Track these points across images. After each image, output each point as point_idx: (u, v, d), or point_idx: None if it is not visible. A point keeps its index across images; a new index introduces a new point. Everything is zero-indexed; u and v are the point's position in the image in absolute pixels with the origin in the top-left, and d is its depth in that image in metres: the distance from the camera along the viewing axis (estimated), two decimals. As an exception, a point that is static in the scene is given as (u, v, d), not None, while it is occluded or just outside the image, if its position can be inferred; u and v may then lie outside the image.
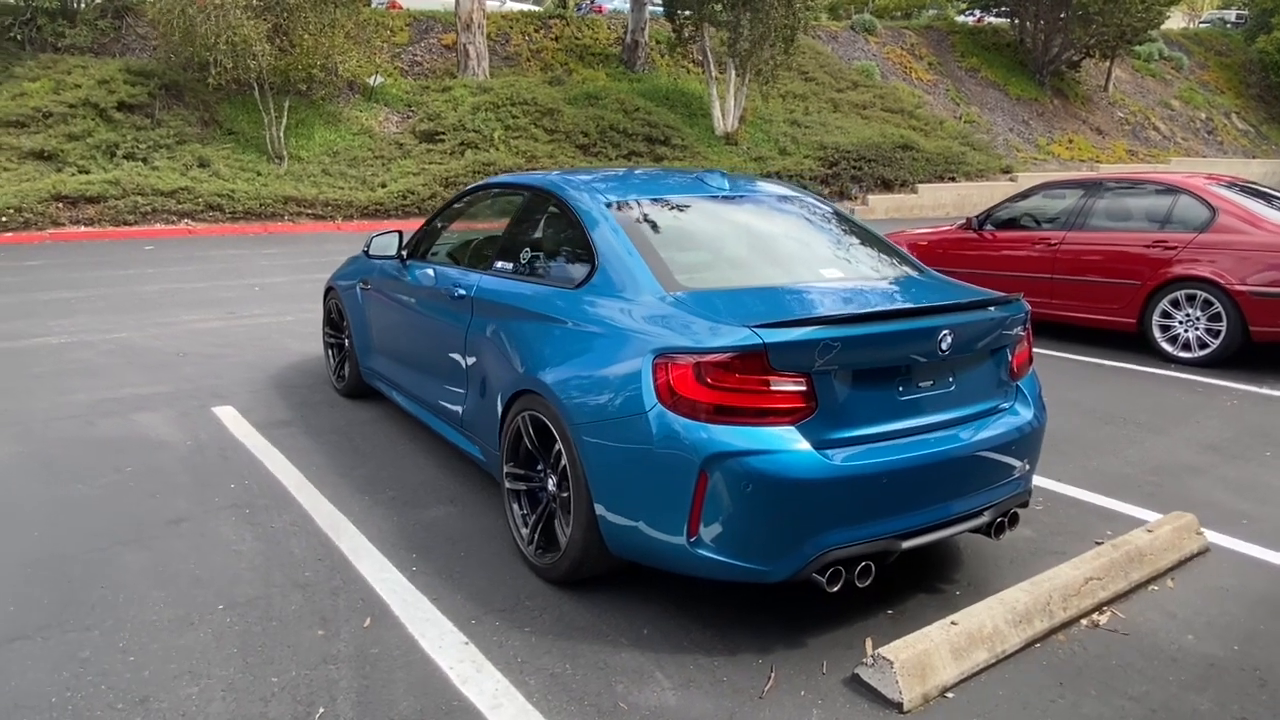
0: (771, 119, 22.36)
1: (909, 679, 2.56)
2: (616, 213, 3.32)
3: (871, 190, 21.58)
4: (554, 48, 22.60)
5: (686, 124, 20.45)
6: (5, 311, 7.78)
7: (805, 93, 24.84)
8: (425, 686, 2.60)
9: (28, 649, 2.74)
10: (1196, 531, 3.62)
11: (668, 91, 21.73)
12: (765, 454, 2.57)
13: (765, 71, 19.88)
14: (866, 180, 21.41)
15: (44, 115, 13.16)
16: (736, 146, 20.41)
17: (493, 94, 17.09)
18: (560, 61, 22.22)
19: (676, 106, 21.19)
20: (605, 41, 23.61)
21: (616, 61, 23.12)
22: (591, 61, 22.77)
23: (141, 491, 4.00)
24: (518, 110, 16.91)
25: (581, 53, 22.95)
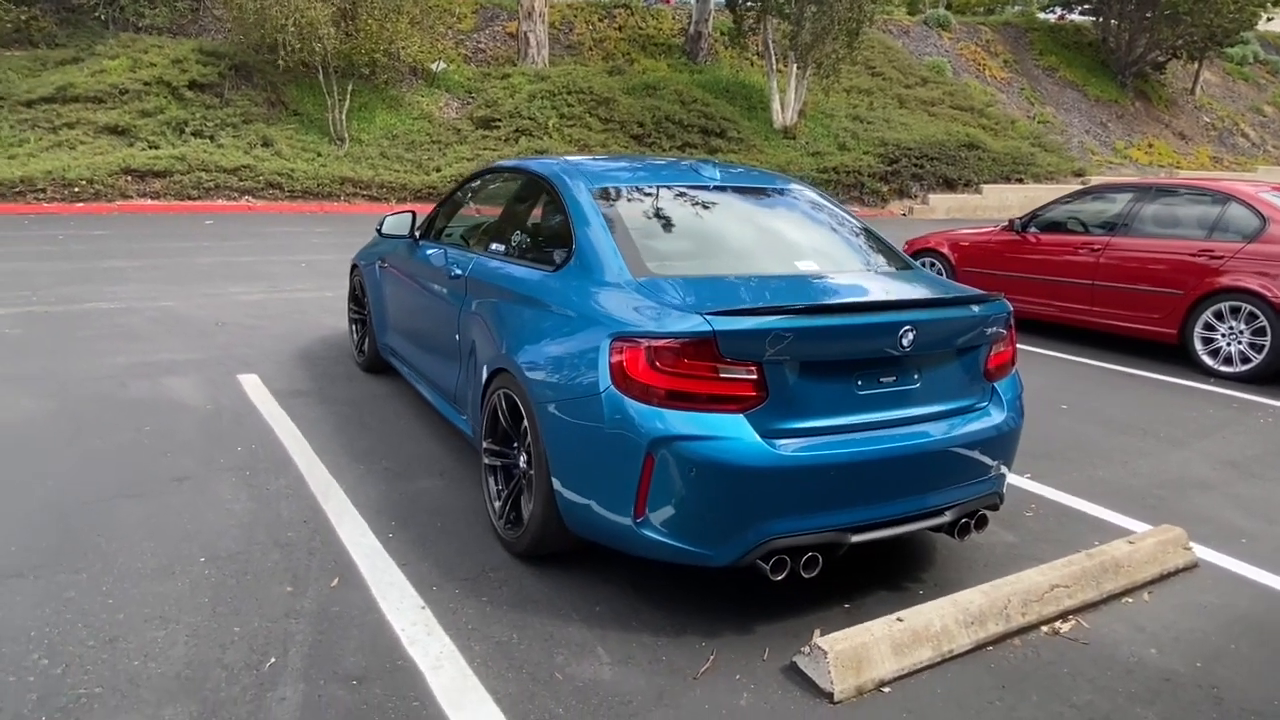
0: (833, 114, 22.06)
1: (842, 670, 2.57)
2: (599, 199, 3.37)
3: (933, 189, 21.14)
4: (617, 37, 22.68)
5: (745, 117, 20.33)
6: (66, 277, 8.22)
7: (871, 88, 24.43)
8: (374, 645, 2.71)
9: (20, 586, 2.94)
10: (1184, 546, 3.52)
11: (728, 84, 21.62)
12: (710, 440, 2.60)
13: (826, 65, 19.60)
14: (928, 179, 20.97)
15: (120, 92, 13.80)
16: (794, 141, 20.21)
17: (549, 82, 17.26)
18: (622, 51, 22.30)
19: (736, 99, 21.08)
20: (669, 32, 23.60)
21: (679, 52, 23.09)
22: (654, 52, 22.79)
23: (154, 450, 4.23)
24: (573, 99, 17.05)
25: (644, 43, 22.99)
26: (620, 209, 3.36)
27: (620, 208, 3.37)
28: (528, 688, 2.54)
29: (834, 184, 19.41)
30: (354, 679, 2.54)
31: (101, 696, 2.41)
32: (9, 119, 13.11)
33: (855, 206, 19.89)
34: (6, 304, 7.05)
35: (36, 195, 11.92)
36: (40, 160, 12.36)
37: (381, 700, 2.46)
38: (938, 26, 29.96)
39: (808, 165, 19.13)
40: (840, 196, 19.75)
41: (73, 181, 12.11)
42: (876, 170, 20.11)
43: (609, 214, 3.29)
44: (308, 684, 2.51)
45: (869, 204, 20.10)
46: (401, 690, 2.51)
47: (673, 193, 3.61)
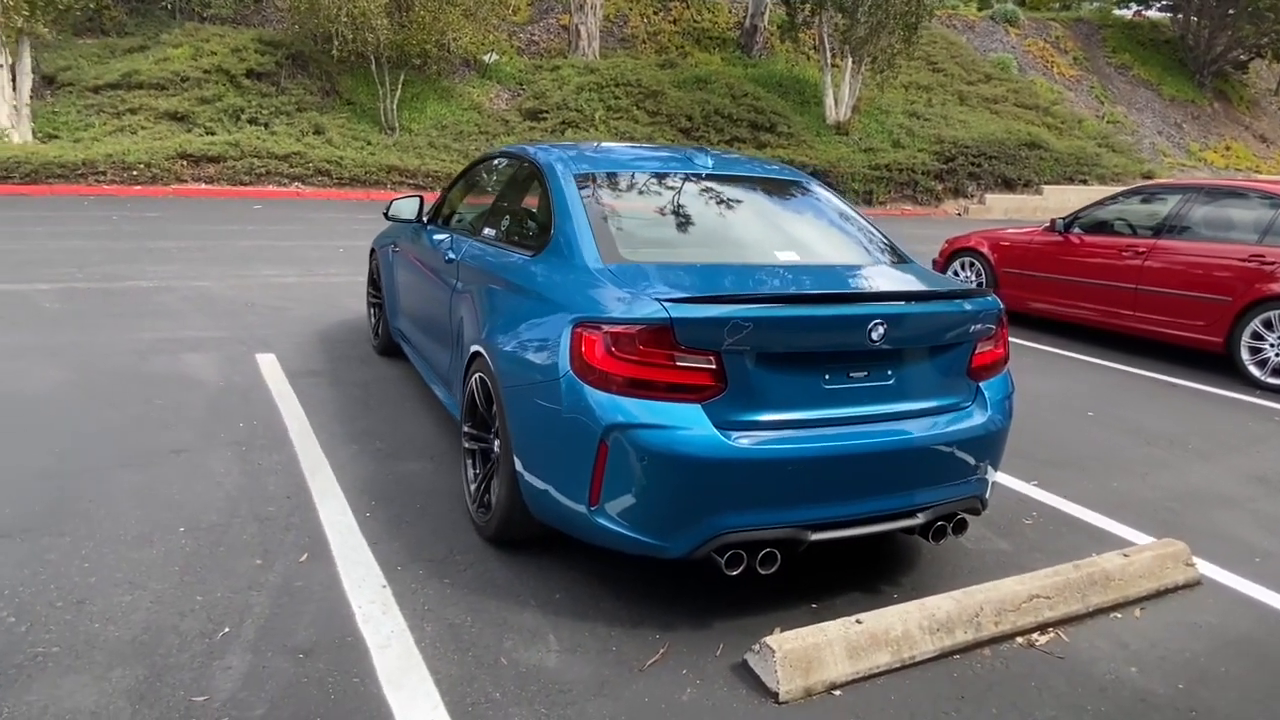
0: (889, 109, 21.63)
1: (790, 670, 2.50)
2: (583, 185, 3.34)
3: (991, 189, 20.59)
4: (671, 30, 22.59)
5: (797, 112, 20.06)
6: (114, 255, 8.52)
7: (931, 83, 23.87)
8: (329, 621, 2.74)
9: (5, 546, 3.05)
10: (1186, 562, 3.34)
11: (781, 78, 21.37)
12: (662, 429, 2.55)
13: (882, 60, 19.21)
14: (985, 178, 20.43)
15: (182, 79, 14.25)
16: (846, 137, 19.88)
17: (598, 74, 17.28)
18: (676, 44, 22.20)
19: (789, 94, 20.83)
20: (724, 25, 23.41)
21: (733, 46, 22.90)
22: (708, 45, 22.64)
23: (160, 422, 4.34)
24: (620, 91, 17.04)
25: (699, 36, 22.85)
26: (602, 195, 3.32)
27: (602, 194, 3.34)
28: (470, 671, 2.54)
29: (886, 181, 19.05)
30: (301, 652, 2.57)
31: (57, 656, 2.48)
32: (77, 104, 13.66)
33: (907, 205, 19.49)
34: (53, 280, 7.33)
35: (97, 177, 12.40)
36: (103, 144, 12.85)
37: (323, 675, 2.48)
38: (1005, 22, 29.10)
39: (859, 162, 18.80)
40: (892, 195, 19.37)
41: (132, 165, 12.56)
42: (931, 168, 19.66)
43: (590, 200, 3.26)
44: (255, 655, 2.54)
45: (922, 202, 19.67)
46: (345, 666, 2.52)
47: (661, 181, 3.56)
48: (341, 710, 2.34)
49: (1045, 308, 8.05)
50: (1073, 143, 22.52)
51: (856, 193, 18.69)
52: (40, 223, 10.03)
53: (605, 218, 3.17)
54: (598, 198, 3.29)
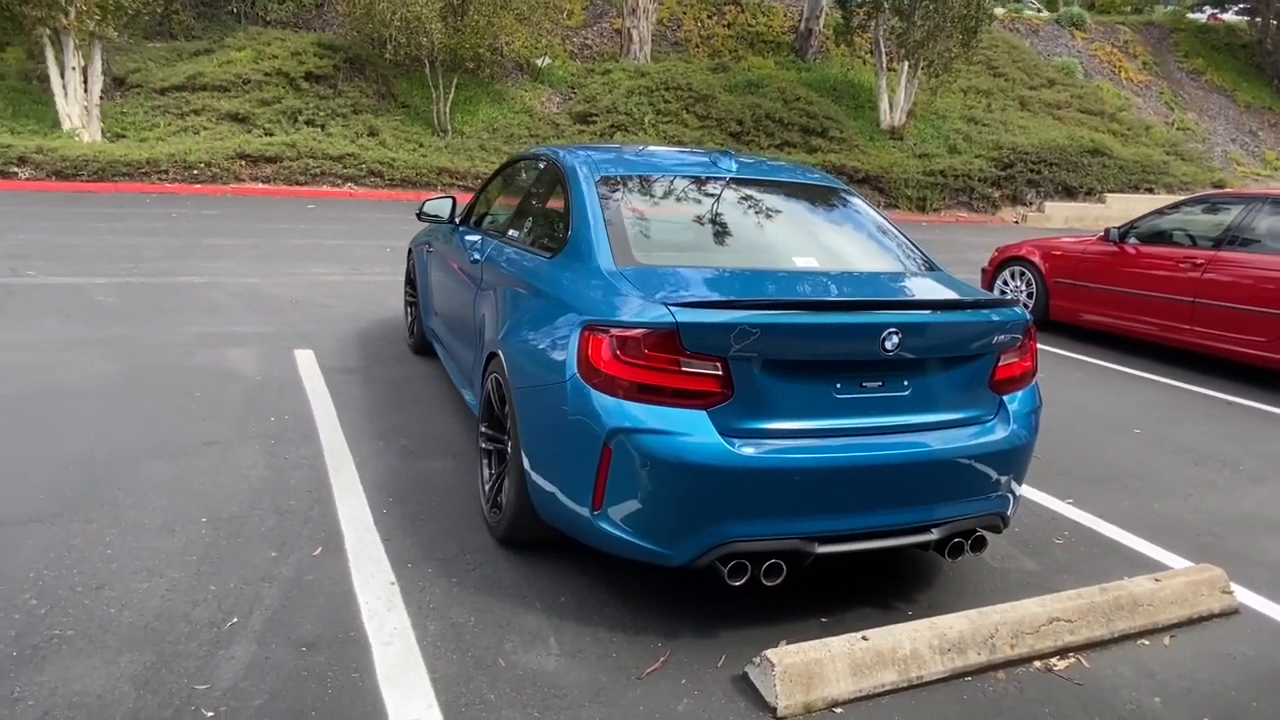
0: (946, 114, 21.23)
1: (789, 685, 2.44)
2: (602, 187, 3.33)
3: (1051, 196, 20.06)
4: (724, 34, 22.51)
5: (850, 116, 19.81)
6: (170, 252, 8.80)
7: (991, 88, 23.37)
8: (334, 616, 2.77)
9: (35, 530, 3.15)
10: (1223, 589, 3.18)
11: (835, 82, 21.13)
12: (666, 435, 2.52)
13: (938, 64, 18.86)
14: (1045, 185, 19.92)
15: (244, 82, 14.69)
16: (901, 142, 19.56)
17: (648, 78, 17.30)
18: (729, 48, 22.12)
19: (843, 98, 20.58)
20: (779, 29, 23.26)
21: (788, 50, 22.72)
22: (762, 49, 22.50)
23: (196, 415, 4.46)
24: (670, 95, 17.03)
25: (753, 40, 22.73)
26: (621, 199, 3.31)
27: (622, 197, 3.32)
28: (468, 671, 2.54)
29: (941, 188, 18.69)
30: (304, 645, 2.60)
31: (71, 639, 2.55)
32: (144, 105, 14.17)
33: (962, 212, 19.09)
34: (110, 274, 7.60)
35: (160, 176, 12.83)
36: (166, 144, 13.30)
37: (323, 668, 2.50)
38: (1071, 26, 28.32)
39: (913, 167, 18.48)
40: (947, 201, 19.00)
41: (193, 164, 12.98)
42: (988, 175, 19.24)
43: (608, 203, 3.25)
44: (259, 646, 2.58)
45: (978, 209, 19.26)
46: (346, 661, 2.54)
47: (683, 184, 3.53)
48: (337, 704, 2.36)
49: (1098, 320, 7.80)
50: (1139, 150, 21.81)
51: (910, 199, 18.39)
52: (104, 219, 10.42)
53: (623, 221, 3.15)
54: (617, 201, 3.28)
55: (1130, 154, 21.18)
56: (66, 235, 9.24)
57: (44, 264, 7.77)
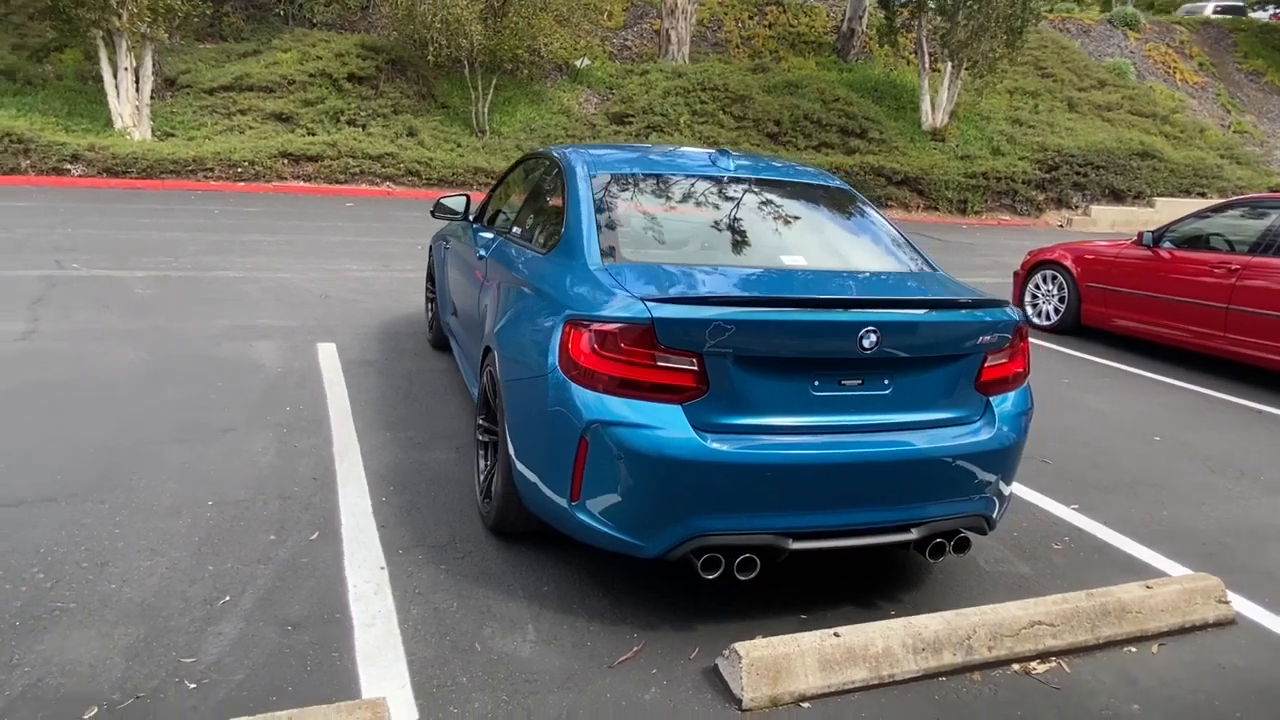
0: (990, 115, 20.88)
1: (755, 678, 2.47)
2: (597, 185, 3.38)
3: (1097, 200, 19.62)
4: (765, 34, 22.43)
5: (891, 117, 19.59)
6: (209, 247, 9.07)
7: (1038, 89, 22.92)
8: (323, 598, 2.86)
9: (50, 509, 3.30)
10: (1219, 599, 3.12)
11: (877, 83, 20.91)
12: (640, 428, 2.56)
13: (982, 64, 18.55)
14: (1091, 188, 19.47)
15: (289, 82, 15.05)
16: (943, 143, 19.28)
17: (685, 79, 17.32)
18: (770, 49, 22.03)
19: (884, 99, 20.36)
20: (820, 30, 23.09)
21: (829, 50, 22.55)
22: (803, 50, 22.37)
23: (215, 404, 4.61)
24: (706, 95, 17.02)
25: (794, 40, 22.60)
26: (615, 196, 3.36)
27: (615, 195, 3.37)
28: (444, 654, 2.61)
29: (983, 190, 18.38)
30: (290, 624, 2.70)
31: (72, 611, 2.68)
32: (193, 105, 14.61)
33: (1005, 215, 18.76)
34: (149, 268, 7.86)
35: (206, 174, 13.22)
36: (213, 142, 13.69)
37: (305, 647, 2.59)
38: (1124, 25, 27.63)
39: (954, 169, 18.21)
40: (989, 204, 18.68)
41: (237, 162, 13.34)
42: (1032, 177, 18.86)
43: (602, 200, 3.30)
44: (247, 623, 2.68)
45: (1021, 213, 18.90)
46: (328, 640, 2.63)
47: (679, 183, 3.56)
48: (314, 681, 2.44)
49: (1131, 326, 7.63)
50: (1192, 153, 21.20)
51: (950, 201, 18.12)
52: (149, 215, 10.77)
53: (614, 218, 3.20)
54: (610, 198, 3.33)
55: (1182, 157, 20.59)
56: (112, 230, 9.57)
57: (88, 257, 8.07)
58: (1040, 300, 8.50)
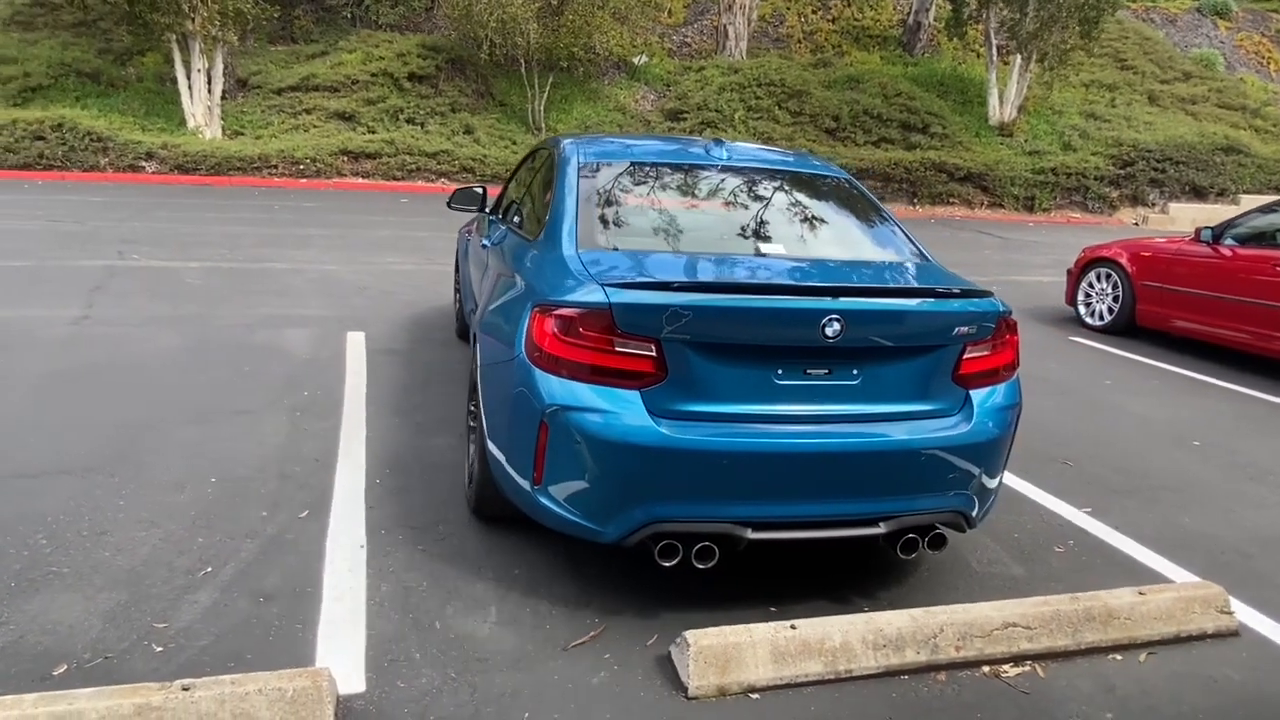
0: (1063, 110, 20.13)
1: (703, 666, 2.45)
2: (586, 175, 3.39)
3: (1176, 197, 18.74)
4: (829, 29, 22.07)
5: (956, 112, 19.07)
6: (264, 240, 9.42)
7: (1116, 82, 21.99)
8: (299, 572, 2.95)
9: (64, 481, 3.49)
10: (1220, 609, 2.96)
11: (943, 77, 20.37)
12: (596, 413, 2.57)
13: (1053, 56, 17.90)
14: (1170, 185, 18.62)
15: (352, 82, 15.50)
16: (1010, 138, 18.67)
17: (741, 74, 17.19)
18: (833, 43, 21.67)
19: (950, 93, 19.83)
20: (886, 23, 22.61)
21: (894, 44, 22.07)
22: (867, 44, 21.94)
23: (238, 387, 4.79)
24: (762, 91, 16.87)
25: (858, 34, 22.19)
26: (601, 184, 3.36)
27: (602, 183, 3.38)
28: (403, 631, 2.66)
29: (1052, 186, 17.75)
30: (263, 596, 2.79)
31: (64, 576, 2.82)
32: (261, 105, 15.18)
33: (1075, 213, 18.08)
34: (204, 259, 8.21)
35: (270, 170, 13.72)
36: (278, 140, 14.20)
37: (273, 618, 2.68)
38: (1213, 14, 26.26)
39: (1021, 165, 17.63)
40: (1057, 201, 18.03)
41: (299, 159, 13.81)
42: (1106, 173, 18.12)
43: (588, 189, 3.31)
44: (222, 594, 2.79)
45: (1093, 210, 18.19)
46: (295, 613, 2.71)
47: (669, 172, 3.55)
48: (272, 650, 2.53)
49: (1189, 327, 7.27)
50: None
51: (1016, 198, 17.55)
52: (212, 210, 11.24)
53: (595, 206, 3.21)
54: (595, 187, 3.34)
55: (1271, 152, 19.50)
56: (176, 224, 10.02)
57: (149, 249, 8.47)
58: (1094, 299, 8.17)
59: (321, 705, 2.17)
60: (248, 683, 2.17)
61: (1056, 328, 8.01)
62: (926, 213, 16.79)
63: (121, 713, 2.05)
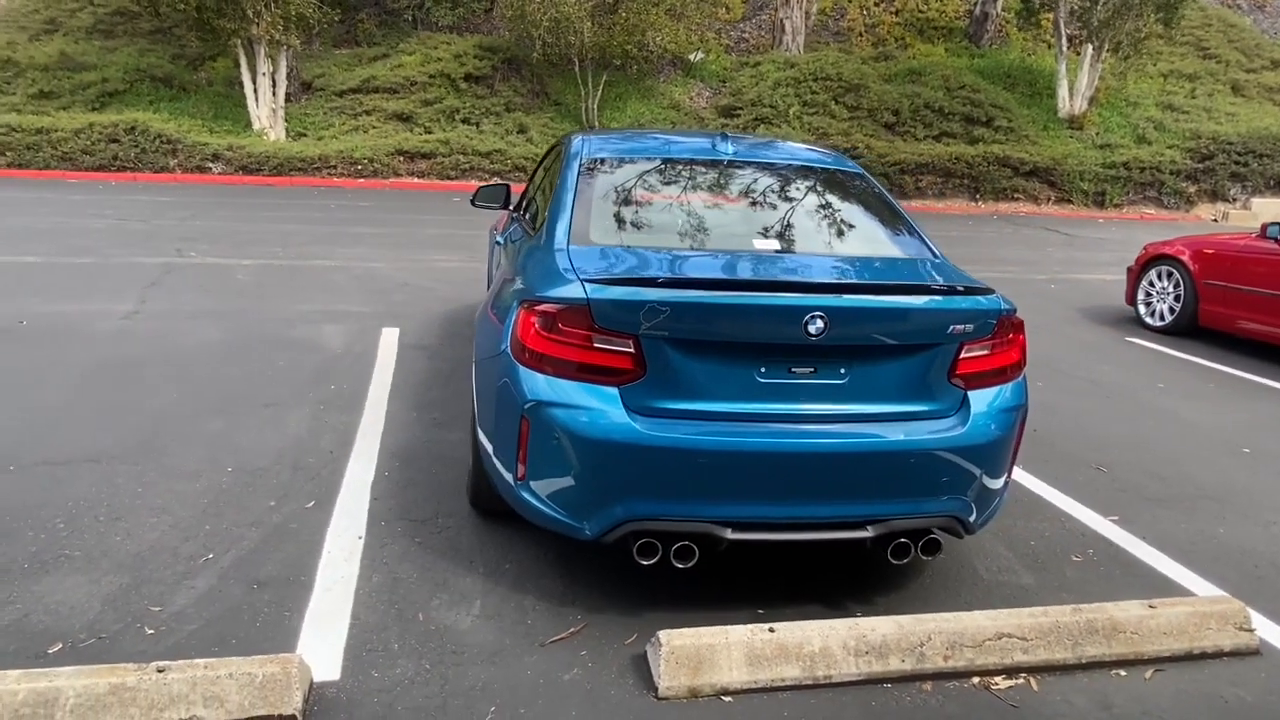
0: (1138, 101, 19.30)
1: (675, 667, 2.42)
2: (587, 170, 3.39)
3: (1260, 191, 17.78)
4: (891, 21, 21.60)
5: (1023, 105, 18.46)
6: (315, 238, 9.68)
7: (1197, 71, 20.97)
8: (296, 561, 3.02)
9: (89, 468, 3.64)
10: (1240, 626, 2.79)
11: (1010, 69, 19.75)
12: (574, 409, 2.56)
13: (1126, 45, 17.17)
14: (1254, 179, 17.69)
15: (410, 84, 15.81)
16: (1080, 131, 17.99)
17: (797, 69, 16.95)
18: (896, 36, 21.20)
19: (1018, 85, 19.21)
20: (951, 14, 22.01)
21: (960, 35, 21.48)
22: (932, 36, 21.41)
23: (270, 380, 4.93)
24: (818, 86, 16.59)
25: (922, 26, 21.66)
26: (601, 180, 3.35)
27: (601, 178, 3.36)
28: (386, 621, 2.70)
29: (1124, 181, 17.03)
30: (257, 583, 2.86)
31: (74, 559, 2.94)
32: (324, 106, 15.61)
33: (1149, 209, 17.32)
34: (256, 256, 8.49)
35: (330, 170, 14.10)
36: (338, 141, 14.59)
37: (263, 604, 2.75)
38: (1308, -3, 24.80)
39: (1090, 159, 16.96)
40: (1130, 196, 17.29)
41: (357, 160, 14.16)
42: (1182, 167, 17.29)
43: (587, 184, 3.30)
44: (219, 580, 2.87)
45: (1169, 205, 17.39)
46: (285, 601, 2.78)
47: (673, 167, 3.51)
48: (258, 636, 2.59)
49: (1254, 328, 6.90)
50: (1382, 139, 18.81)
51: (1086, 194, 16.90)
52: (271, 209, 11.60)
53: (590, 202, 3.20)
54: (595, 183, 3.32)
55: (1367, 143, 18.31)
56: (235, 223, 10.38)
57: (206, 246, 8.79)
58: (1154, 299, 7.81)
59: (289, 691, 2.22)
60: (220, 667, 2.23)
61: (1114, 328, 7.69)
62: (989, 209, 16.30)
63: (97, 691, 2.12)
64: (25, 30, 16.66)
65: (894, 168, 15.79)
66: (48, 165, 13.48)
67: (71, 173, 13.47)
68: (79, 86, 15.01)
